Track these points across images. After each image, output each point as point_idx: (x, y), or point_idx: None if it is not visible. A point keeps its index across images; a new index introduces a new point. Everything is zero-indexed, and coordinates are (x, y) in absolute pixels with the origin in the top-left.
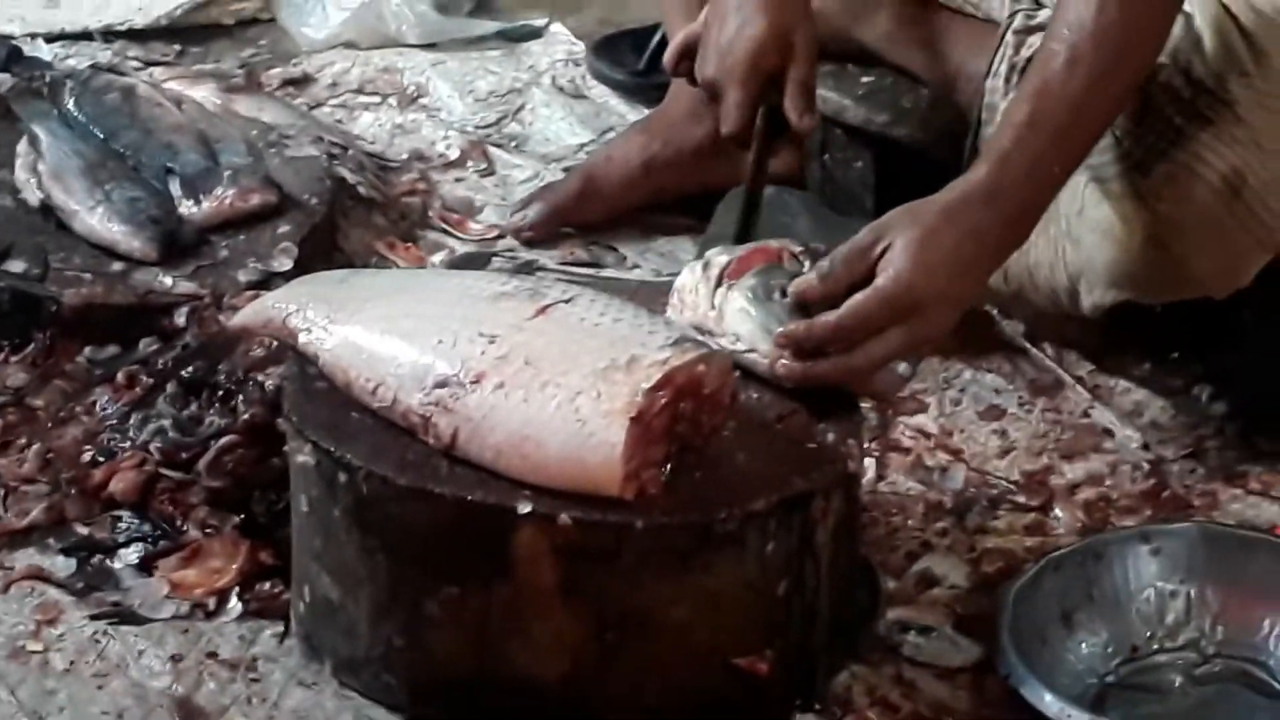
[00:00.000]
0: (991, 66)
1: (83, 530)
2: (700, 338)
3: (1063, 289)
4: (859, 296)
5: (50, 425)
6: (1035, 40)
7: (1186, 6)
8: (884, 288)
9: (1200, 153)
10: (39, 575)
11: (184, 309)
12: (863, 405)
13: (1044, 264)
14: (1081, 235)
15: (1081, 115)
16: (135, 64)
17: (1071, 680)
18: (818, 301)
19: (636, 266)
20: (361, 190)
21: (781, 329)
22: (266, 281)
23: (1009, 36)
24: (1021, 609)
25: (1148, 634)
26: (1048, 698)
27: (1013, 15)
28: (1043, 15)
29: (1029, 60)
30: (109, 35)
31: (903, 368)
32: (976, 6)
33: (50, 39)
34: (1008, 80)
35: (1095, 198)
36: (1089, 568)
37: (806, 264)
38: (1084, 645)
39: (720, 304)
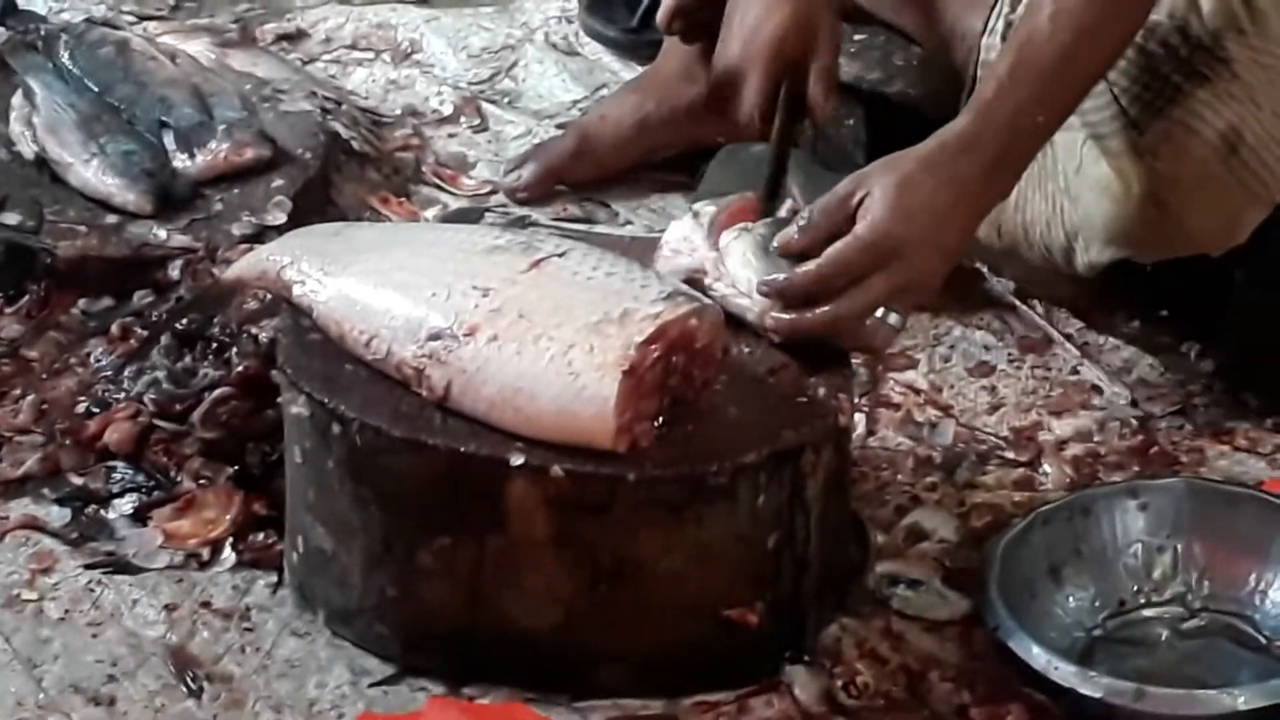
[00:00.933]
0: (988, 24)
1: (77, 480)
2: (692, 291)
3: (1059, 247)
4: (838, 244)
5: (45, 376)
6: None
7: None
8: (862, 234)
9: (1198, 110)
10: (34, 525)
11: (178, 262)
12: (853, 361)
13: (1040, 221)
14: (1080, 192)
15: (1067, 66)
16: (130, 18)
17: (1059, 633)
18: (799, 253)
19: (629, 223)
20: (355, 145)
21: (762, 279)
22: (260, 235)
23: None
24: (1010, 563)
25: (1135, 588)
26: (1035, 650)
27: None
28: None
29: None
30: None
31: (894, 319)
32: None
33: None
34: (1004, 38)
35: (1093, 155)
36: (1077, 523)
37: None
38: (1071, 599)
39: (725, 245)
